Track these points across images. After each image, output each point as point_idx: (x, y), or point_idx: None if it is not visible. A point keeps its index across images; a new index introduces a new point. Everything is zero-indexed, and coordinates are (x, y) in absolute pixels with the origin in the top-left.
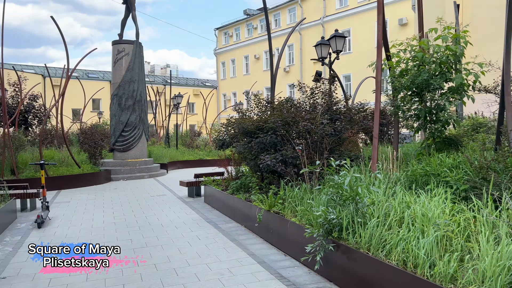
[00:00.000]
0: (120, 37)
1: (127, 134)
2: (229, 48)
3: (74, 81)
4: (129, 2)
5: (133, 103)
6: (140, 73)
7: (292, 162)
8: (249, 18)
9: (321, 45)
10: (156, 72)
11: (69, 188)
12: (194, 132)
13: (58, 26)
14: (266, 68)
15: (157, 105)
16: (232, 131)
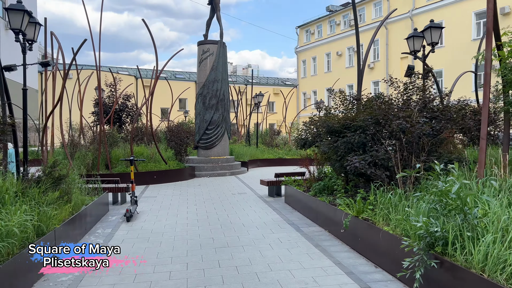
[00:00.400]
0: (205, 38)
1: (210, 132)
2: (311, 45)
3: (162, 82)
4: (214, 2)
5: (216, 102)
6: (224, 72)
7: (383, 165)
8: (332, 15)
9: (414, 38)
10: (238, 72)
11: (156, 183)
12: (273, 131)
13: (148, 28)
14: (349, 65)
15: (238, 104)
16: (315, 129)
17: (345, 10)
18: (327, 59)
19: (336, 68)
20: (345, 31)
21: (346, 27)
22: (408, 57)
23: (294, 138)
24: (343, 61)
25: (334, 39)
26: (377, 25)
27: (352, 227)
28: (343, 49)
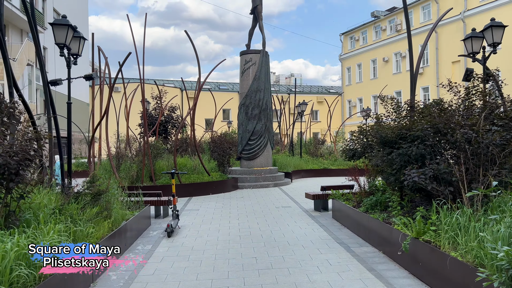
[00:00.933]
0: (247, 48)
1: (253, 142)
2: (355, 52)
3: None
4: (256, 11)
5: (259, 112)
6: (266, 82)
7: (445, 179)
8: (377, 20)
9: (472, 38)
10: (281, 81)
11: (199, 195)
12: (318, 140)
13: (190, 39)
14: (397, 70)
15: (281, 114)
16: (364, 139)
17: (391, 15)
18: (373, 65)
19: (382, 74)
20: (391, 36)
21: (392, 32)
22: (460, 60)
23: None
24: (390, 67)
25: (380, 45)
26: (425, 29)
27: (412, 249)
28: (390, 54)
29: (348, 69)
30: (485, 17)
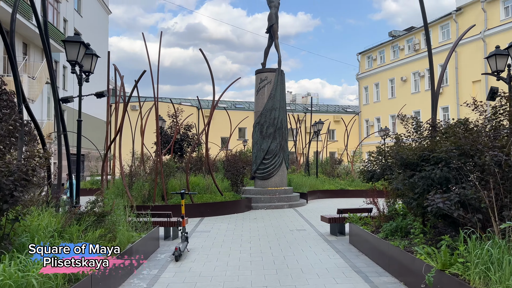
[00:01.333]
0: (263, 66)
1: (267, 162)
2: (373, 72)
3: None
4: (272, 30)
5: (274, 131)
6: (281, 100)
7: (473, 205)
8: (395, 40)
9: (496, 56)
10: (297, 100)
11: (212, 215)
12: (334, 160)
13: (205, 57)
14: (415, 90)
15: (297, 133)
16: (383, 160)
17: (409, 34)
18: (390, 85)
19: (400, 94)
20: (409, 56)
21: (410, 51)
22: (481, 80)
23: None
24: (408, 87)
25: (397, 64)
26: (444, 48)
27: (437, 282)
28: (408, 74)
29: (366, 88)
30: (506, 36)
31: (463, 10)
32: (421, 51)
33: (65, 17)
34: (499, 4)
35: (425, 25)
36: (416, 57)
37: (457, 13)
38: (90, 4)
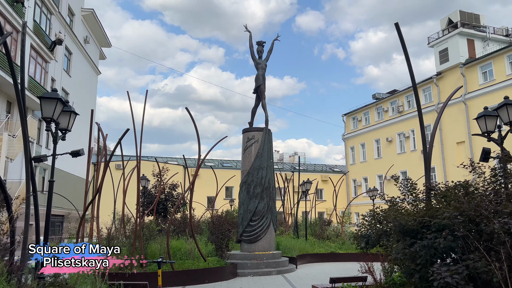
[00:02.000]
0: (250, 126)
1: (254, 223)
2: (358, 132)
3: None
4: (259, 91)
5: (261, 191)
6: (269, 159)
7: (484, 280)
8: (379, 102)
9: (485, 117)
10: (285, 159)
11: (194, 283)
12: (323, 221)
13: (190, 114)
14: (401, 151)
15: (285, 192)
16: (378, 225)
17: (392, 97)
18: (376, 145)
19: (386, 154)
20: (393, 117)
21: (394, 113)
22: (465, 141)
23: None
24: (393, 147)
25: (382, 125)
26: (427, 110)
27: None
28: (393, 135)
29: (352, 148)
30: (486, 99)
31: (443, 74)
32: (405, 113)
33: (53, 76)
34: (477, 69)
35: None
36: (400, 119)
37: (437, 77)
38: (79, 64)
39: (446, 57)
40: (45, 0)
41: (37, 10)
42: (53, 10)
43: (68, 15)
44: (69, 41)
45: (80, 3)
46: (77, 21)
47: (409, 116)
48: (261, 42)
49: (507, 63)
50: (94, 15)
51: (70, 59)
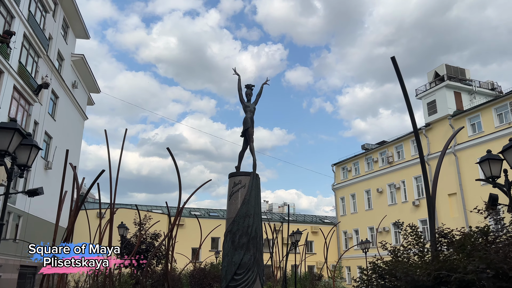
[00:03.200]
0: (237, 170)
1: (239, 277)
2: (348, 183)
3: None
4: (247, 133)
5: (247, 241)
6: (256, 206)
7: None
8: (368, 152)
9: (489, 161)
10: (274, 210)
11: None
12: (314, 275)
13: (172, 156)
14: (392, 202)
15: (274, 244)
16: (380, 280)
17: (382, 148)
18: (367, 196)
19: (377, 205)
20: (383, 168)
21: (384, 164)
22: (457, 193)
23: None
24: (384, 198)
25: (372, 176)
26: (417, 161)
27: None
28: (384, 186)
29: (342, 199)
30: (476, 150)
31: (432, 126)
32: (394, 163)
33: (36, 119)
34: (465, 121)
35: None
36: (391, 169)
37: (426, 129)
38: (66, 108)
39: (434, 108)
40: (33, 43)
41: (24, 52)
42: (41, 53)
43: (57, 59)
44: (56, 84)
45: (70, 49)
46: (66, 66)
47: (399, 167)
48: (250, 85)
49: (494, 115)
50: (84, 61)
51: (56, 103)
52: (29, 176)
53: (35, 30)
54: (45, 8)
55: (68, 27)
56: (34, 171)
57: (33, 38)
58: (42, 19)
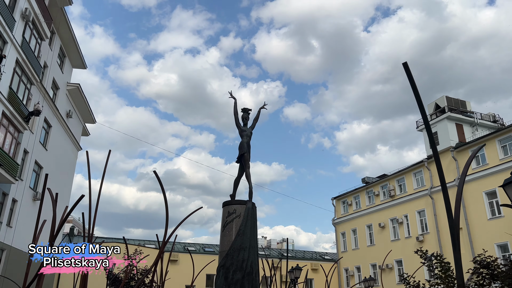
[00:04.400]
0: (232, 198)
1: None
2: (349, 217)
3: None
4: (243, 159)
5: (242, 277)
6: (253, 239)
7: None
8: (369, 186)
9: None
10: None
11: None
12: None
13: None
14: (395, 237)
15: (272, 282)
16: None
17: (383, 181)
18: (368, 231)
19: (380, 241)
20: (385, 202)
21: (386, 197)
22: (463, 228)
23: None
24: (387, 234)
25: (374, 210)
26: (420, 194)
27: None
28: (386, 220)
29: (343, 234)
30: (481, 183)
31: None
32: (396, 197)
33: (26, 148)
34: (468, 153)
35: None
36: (393, 203)
37: (428, 161)
38: (59, 138)
39: (436, 141)
40: (26, 70)
41: (15, 78)
42: (34, 80)
43: (52, 87)
44: (50, 113)
45: (66, 78)
46: (61, 94)
47: (401, 201)
48: (247, 109)
49: (499, 147)
50: (79, 90)
51: (48, 132)
52: (15, 207)
53: (28, 57)
54: (40, 36)
55: (65, 56)
56: (20, 202)
57: (26, 64)
58: (37, 46)
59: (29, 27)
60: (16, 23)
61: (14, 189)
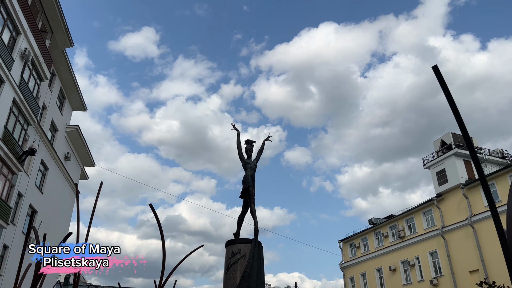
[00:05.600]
0: (236, 237)
1: None
2: (357, 260)
3: None
4: (248, 194)
5: None
6: (259, 282)
7: None
8: (377, 227)
9: None
10: None
11: None
12: None
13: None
14: (407, 281)
15: None
16: None
17: (391, 221)
18: (378, 275)
19: (391, 285)
20: (394, 243)
21: (395, 239)
22: (479, 270)
23: None
24: (398, 277)
25: (383, 252)
26: (431, 234)
27: None
28: (396, 263)
29: (351, 279)
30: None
31: (444, 196)
32: (406, 238)
33: (20, 191)
34: (479, 190)
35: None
36: (402, 245)
37: (438, 199)
38: (56, 181)
39: (444, 178)
40: (23, 110)
41: (12, 117)
42: (31, 121)
43: (51, 129)
44: (47, 155)
45: (65, 120)
46: (59, 137)
47: (412, 242)
48: (251, 141)
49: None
50: (79, 132)
51: (45, 175)
52: (6, 253)
53: (26, 97)
54: (40, 76)
55: (64, 98)
56: (10, 248)
57: (23, 104)
58: (36, 86)
59: (28, 67)
60: (14, 62)
61: (5, 234)
